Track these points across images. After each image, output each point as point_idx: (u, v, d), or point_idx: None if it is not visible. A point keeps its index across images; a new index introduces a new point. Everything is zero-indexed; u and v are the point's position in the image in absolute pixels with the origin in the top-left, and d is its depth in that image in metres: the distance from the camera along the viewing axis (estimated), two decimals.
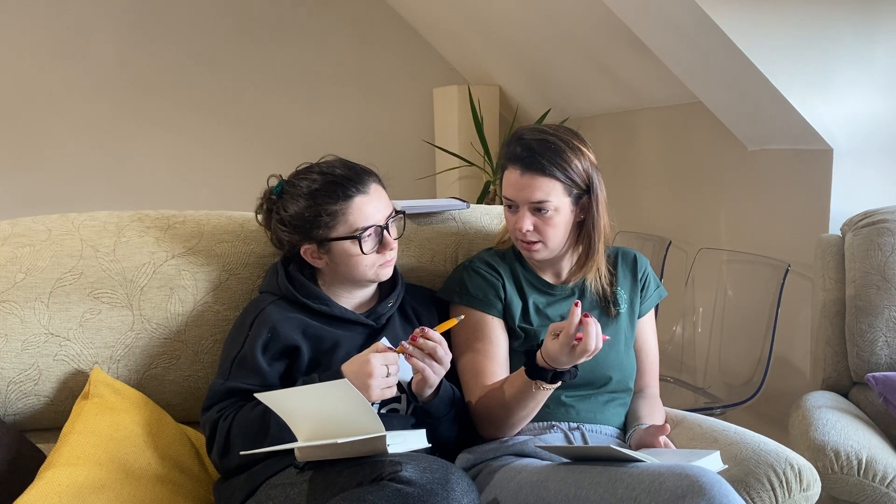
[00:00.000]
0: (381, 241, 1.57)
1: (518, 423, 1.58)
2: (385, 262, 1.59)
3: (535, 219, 1.61)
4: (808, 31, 2.35)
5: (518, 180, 1.60)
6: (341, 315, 1.59)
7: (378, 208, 1.57)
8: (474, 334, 1.66)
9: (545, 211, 1.60)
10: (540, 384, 1.49)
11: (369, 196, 1.56)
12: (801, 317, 2.63)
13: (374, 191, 1.58)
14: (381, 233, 1.57)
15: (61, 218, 1.75)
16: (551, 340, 1.44)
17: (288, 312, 1.57)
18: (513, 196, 1.62)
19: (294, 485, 1.36)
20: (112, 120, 4.19)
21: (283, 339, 1.53)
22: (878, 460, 1.70)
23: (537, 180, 1.59)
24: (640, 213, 3.54)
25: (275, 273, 1.65)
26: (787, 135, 2.61)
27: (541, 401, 1.54)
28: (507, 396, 1.55)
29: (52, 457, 1.47)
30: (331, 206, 1.54)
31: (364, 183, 1.57)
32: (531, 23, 3.57)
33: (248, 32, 4.34)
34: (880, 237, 2.14)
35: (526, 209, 1.60)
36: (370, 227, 1.55)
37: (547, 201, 1.59)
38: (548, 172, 1.58)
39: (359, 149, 4.47)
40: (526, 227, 1.60)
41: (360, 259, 1.56)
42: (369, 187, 1.57)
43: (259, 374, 1.51)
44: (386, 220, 1.58)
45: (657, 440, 1.58)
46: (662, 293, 1.82)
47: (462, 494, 1.24)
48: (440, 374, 1.48)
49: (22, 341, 1.62)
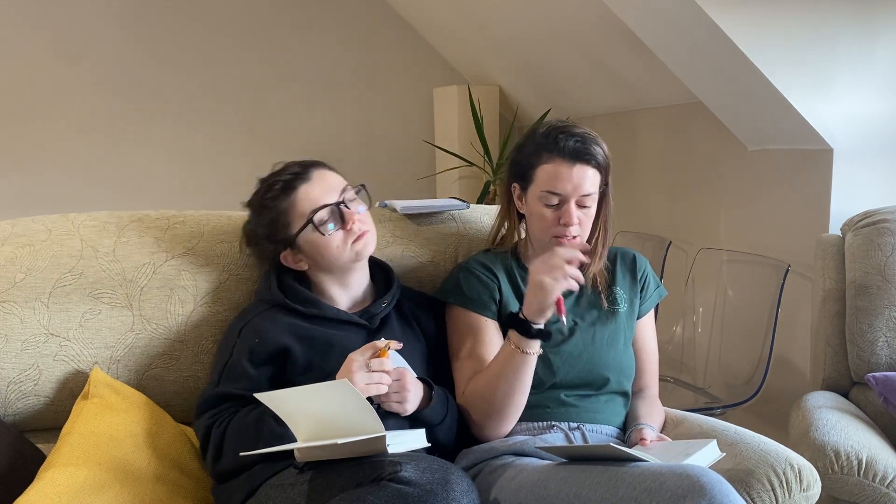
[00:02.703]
0: (341, 217, 1.58)
1: (502, 406, 1.56)
2: (355, 237, 1.58)
3: (578, 212, 1.61)
4: (808, 31, 2.35)
5: (569, 172, 1.59)
6: (335, 316, 1.60)
7: (325, 189, 1.59)
8: (468, 336, 1.66)
9: (588, 204, 1.61)
10: (519, 342, 1.50)
11: (312, 182, 1.59)
12: (801, 317, 2.62)
13: (316, 176, 1.60)
14: (338, 210, 1.58)
15: (61, 218, 1.75)
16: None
17: (278, 319, 1.58)
18: (563, 189, 1.60)
19: (294, 485, 1.36)
20: (112, 120, 4.19)
21: (269, 344, 1.53)
22: (878, 460, 1.70)
23: (589, 171, 1.60)
24: (640, 213, 3.54)
25: (268, 280, 1.66)
26: (787, 135, 2.61)
27: (520, 370, 1.53)
28: (491, 372, 1.56)
29: (52, 457, 1.47)
30: (281, 204, 1.58)
31: (304, 173, 1.60)
32: (531, 23, 3.57)
33: (247, 33, 4.34)
34: (880, 237, 2.14)
35: (573, 202, 1.60)
36: (320, 209, 1.57)
37: (593, 193, 1.61)
38: (595, 162, 1.61)
39: (359, 149, 4.51)
40: (575, 221, 1.60)
41: (326, 242, 1.57)
42: (311, 174, 1.60)
43: (247, 378, 1.52)
44: (339, 196, 1.59)
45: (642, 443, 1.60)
46: (662, 293, 1.82)
47: (462, 494, 1.24)
48: (402, 403, 1.48)
49: (22, 341, 1.62)
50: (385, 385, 1.44)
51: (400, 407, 1.48)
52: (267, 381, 1.53)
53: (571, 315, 1.68)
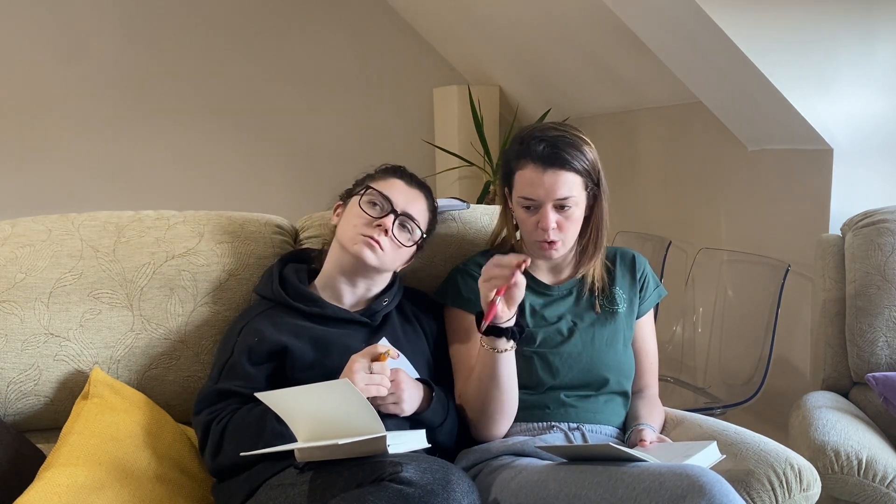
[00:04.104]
0: (382, 219, 1.58)
1: (488, 406, 1.56)
2: (370, 235, 1.57)
3: (557, 216, 1.59)
4: (808, 31, 2.35)
5: (541, 178, 1.57)
6: (335, 315, 1.60)
7: (398, 193, 1.62)
8: (466, 337, 1.66)
9: (567, 207, 1.59)
10: (485, 341, 1.51)
11: (402, 184, 1.64)
12: (801, 317, 2.63)
13: (414, 192, 1.65)
14: (389, 212, 1.59)
15: (61, 218, 1.75)
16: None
17: (278, 318, 1.58)
18: (535, 195, 1.58)
19: (294, 485, 1.36)
20: (112, 120, 4.19)
21: (269, 343, 1.53)
22: (878, 460, 1.70)
23: (561, 175, 1.57)
24: (640, 213, 3.54)
25: (269, 277, 1.65)
26: (787, 135, 2.61)
27: (496, 369, 1.52)
28: (475, 374, 1.57)
29: (52, 457, 1.47)
30: (377, 175, 1.67)
31: (414, 183, 1.66)
32: (531, 23, 3.57)
33: (247, 33, 4.34)
34: (880, 237, 2.14)
35: (549, 207, 1.59)
36: (376, 192, 1.60)
37: (571, 196, 1.58)
38: (570, 166, 1.58)
39: (359, 149, 4.52)
40: (552, 226, 1.59)
41: (354, 216, 1.60)
42: (414, 187, 1.66)
43: (245, 377, 1.52)
44: (400, 209, 1.60)
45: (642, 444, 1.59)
46: (662, 293, 1.82)
47: (462, 495, 1.24)
48: (398, 403, 1.48)
49: (22, 341, 1.62)
50: (385, 388, 1.44)
51: (397, 408, 1.48)
52: (265, 380, 1.53)
53: (570, 317, 1.68)
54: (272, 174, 4.41)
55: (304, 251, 1.77)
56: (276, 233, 1.82)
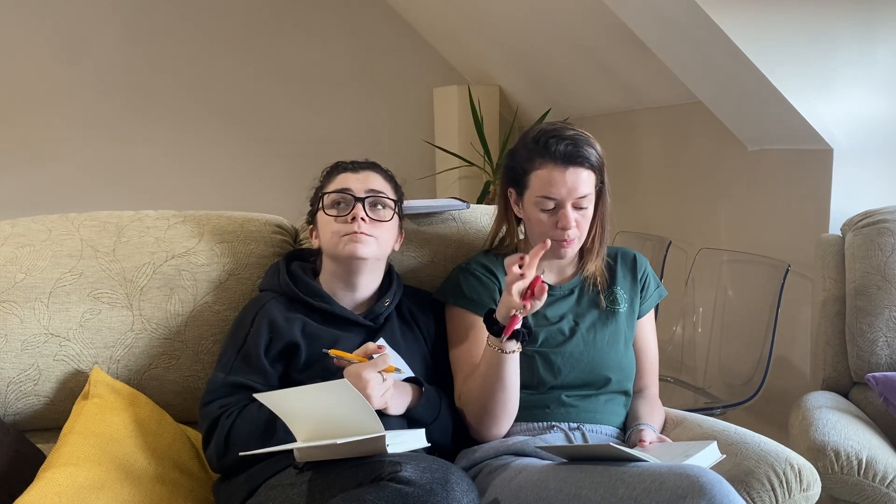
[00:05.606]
0: (352, 210, 1.58)
1: (491, 406, 1.55)
2: (352, 233, 1.57)
3: (575, 215, 1.60)
4: (808, 31, 2.35)
5: (562, 176, 1.58)
6: (341, 314, 1.60)
7: (350, 181, 1.63)
8: (467, 336, 1.66)
9: (584, 206, 1.60)
10: (494, 342, 1.50)
11: (355, 174, 1.64)
12: (801, 317, 2.62)
13: (364, 173, 1.65)
14: (353, 202, 1.59)
15: (61, 218, 1.75)
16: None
17: (288, 311, 1.57)
18: (558, 194, 1.58)
19: (293, 485, 1.36)
20: (112, 120, 4.19)
21: (283, 337, 1.53)
22: (878, 460, 1.70)
23: (582, 173, 1.59)
24: (640, 213, 3.54)
25: (276, 271, 1.66)
26: (787, 135, 2.61)
27: (502, 370, 1.51)
28: (478, 374, 1.56)
29: (52, 457, 1.47)
30: (326, 181, 1.67)
31: (360, 167, 1.67)
32: (531, 23, 3.57)
33: (247, 33, 4.34)
34: (880, 237, 2.14)
35: (569, 206, 1.59)
36: (336, 191, 1.61)
37: (589, 194, 1.60)
38: (588, 164, 1.59)
39: (359, 149, 4.47)
40: (572, 225, 1.59)
41: (327, 224, 1.60)
42: (362, 169, 1.66)
43: (262, 373, 1.52)
44: (364, 194, 1.60)
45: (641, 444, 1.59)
46: (662, 293, 1.82)
47: (462, 494, 1.24)
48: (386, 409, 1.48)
49: (22, 341, 1.62)
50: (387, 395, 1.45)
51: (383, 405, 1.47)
52: (277, 379, 1.53)
53: (572, 317, 1.69)
54: (272, 174, 4.41)
55: (306, 251, 1.77)
56: (275, 233, 1.83)
